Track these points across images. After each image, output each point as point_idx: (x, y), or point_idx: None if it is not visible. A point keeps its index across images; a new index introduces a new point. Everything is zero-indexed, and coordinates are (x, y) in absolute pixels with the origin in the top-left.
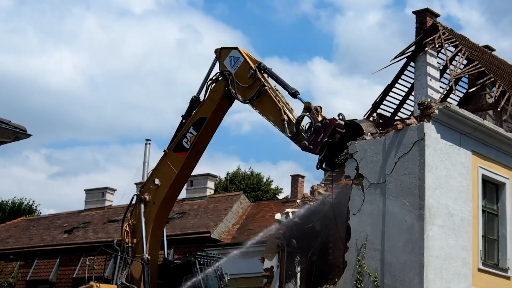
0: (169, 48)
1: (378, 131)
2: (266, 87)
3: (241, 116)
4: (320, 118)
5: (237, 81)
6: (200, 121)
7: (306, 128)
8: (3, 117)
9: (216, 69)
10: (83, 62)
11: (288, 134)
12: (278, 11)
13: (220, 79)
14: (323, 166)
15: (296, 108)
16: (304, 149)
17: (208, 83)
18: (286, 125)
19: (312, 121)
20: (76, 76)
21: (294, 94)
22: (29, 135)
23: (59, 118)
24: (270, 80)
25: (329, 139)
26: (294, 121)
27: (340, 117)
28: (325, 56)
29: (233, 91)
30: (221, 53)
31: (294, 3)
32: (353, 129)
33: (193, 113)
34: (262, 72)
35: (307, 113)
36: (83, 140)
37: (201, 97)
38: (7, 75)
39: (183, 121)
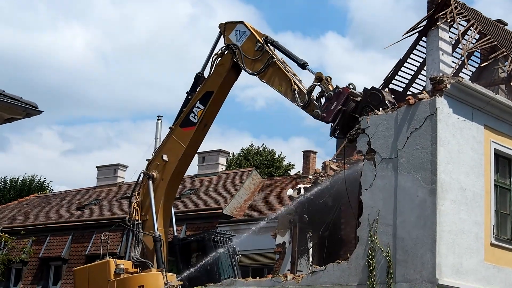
0: (181, 23)
1: (395, 102)
2: (275, 59)
3: (256, 91)
4: (331, 88)
5: (244, 54)
6: (207, 95)
7: (317, 98)
8: (15, 94)
9: (221, 44)
10: (94, 38)
11: (300, 104)
12: None
13: (226, 52)
14: (336, 134)
15: (304, 80)
16: (316, 117)
17: (214, 57)
18: (297, 95)
19: (324, 90)
20: (87, 53)
21: (303, 65)
22: (40, 112)
23: (71, 95)
24: (277, 53)
25: (342, 107)
26: (305, 91)
27: (351, 86)
28: (338, 31)
29: (241, 64)
30: (226, 28)
31: None
32: (372, 96)
33: (198, 88)
34: (269, 45)
35: (319, 83)
36: (95, 116)
37: (206, 73)
38: (19, 51)
39: (189, 97)
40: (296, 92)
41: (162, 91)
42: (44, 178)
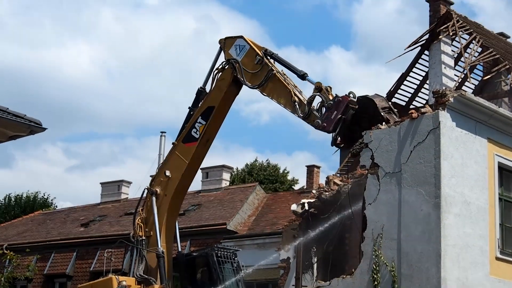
0: (185, 38)
1: (390, 105)
2: (274, 71)
3: (260, 105)
4: (331, 97)
5: (244, 68)
6: (209, 110)
7: (318, 108)
8: (19, 111)
9: (221, 59)
10: (99, 54)
11: (300, 115)
12: (295, 0)
13: (226, 67)
14: (337, 143)
15: (306, 91)
16: (317, 127)
17: (215, 72)
18: (297, 106)
19: (324, 100)
20: (92, 68)
21: (303, 76)
22: (44, 129)
23: (76, 111)
24: (277, 65)
25: (342, 115)
26: (305, 102)
27: (351, 95)
28: (342, 44)
29: (241, 78)
30: (226, 43)
31: None
32: (366, 105)
33: (200, 103)
34: (269, 57)
35: (318, 93)
36: (100, 132)
37: (207, 88)
38: (24, 68)
39: (191, 112)
40: (296, 103)
41: (167, 106)
42: (48, 195)
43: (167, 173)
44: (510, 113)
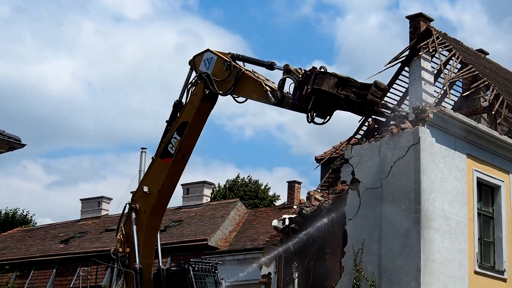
0: (168, 52)
1: (341, 76)
2: (243, 70)
3: (244, 120)
4: (301, 75)
5: (215, 78)
6: (183, 126)
7: (292, 90)
8: None
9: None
10: (81, 68)
11: (273, 101)
12: (278, 15)
13: (199, 82)
14: (314, 119)
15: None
16: (292, 107)
17: (188, 86)
18: (270, 95)
19: (295, 80)
20: (74, 83)
21: (271, 66)
22: (23, 145)
23: (57, 126)
24: (247, 66)
25: (313, 88)
26: (276, 88)
27: (322, 69)
28: (325, 59)
29: (213, 88)
30: (195, 61)
31: (295, 6)
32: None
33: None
34: (236, 60)
35: (288, 75)
36: (81, 148)
37: (184, 100)
38: (4, 83)
39: (168, 127)
40: (268, 92)
41: (149, 121)
42: (27, 212)
43: (145, 189)
44: (489, 129)
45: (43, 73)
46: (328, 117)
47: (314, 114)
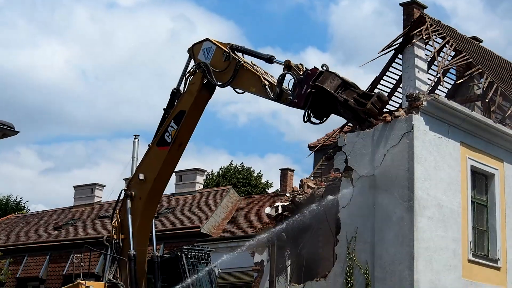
0: (161, 39)
1: (344, 79)
2: (242, 62)
3: (237, 107)
4: (302, 72)
5: (214, 68)
6: (180, 115)
7: (291, 87)
8: None
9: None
10: (74, 55)
11: (271, 96)
12: (272, 1)
13: (197, 71)
14: (311, 119)
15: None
16: (289, 104)
17: (187, 75)
18: (268, 89)
19: (295, 77)
20: (67, 70)
21: (270, 59)
22: (16, 132)
23: (50, 113)
24: (246, 57)
25: (312, 89)
26: (275, 83)
27: (324, 68)
28: (319, 46)
29: (211, 79)
30: (194, 50)
31: None
32: (322, 93)
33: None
34: (235, 51)
35: (288, 71)
36: (74, 135)
37: (182, 89)
38: None
39: (165, 115)
40: (266, 86)
41: (143, 108)
42: (21, 198)
43: (141, 176)
44: (483, 117)
45: (35, 59)
46: (325, 118)
47: (311, 114)
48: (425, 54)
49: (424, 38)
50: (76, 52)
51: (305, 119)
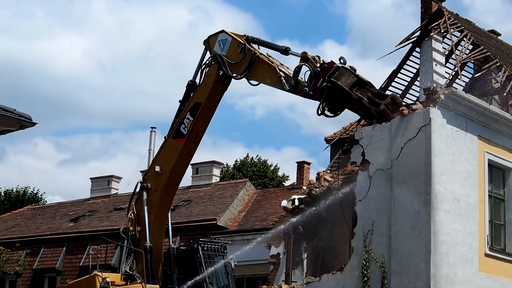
0: (179, 31)
1: (359, 77)
2: (257, 54)
3: (255, 99)
4: (318, 65)
5: (229, 60)
6: (196, 107)
7: (307, 79)
8: (9, 105)
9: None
10: (92, 46)
11: (287, 88)
12: None
13: (213, 63)
14: (325, 112)
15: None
16: (305, 96)
17: (202, 67)
18: (283, 80)
19: (311, 69)
20: (84, 61)
21: (285, 51)
22: (34, 124)
23: (67, 104)
24: (262, 49)
25: (328, 83)
26: (291, 75)
27: (342, 61)
28: (337, 38)
29: (227, 71)
30: (210, 42)
31: None
32: (337, 89)
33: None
34: (251, 43)
35: (304, 63)
36: (91, 126)
37: (198, 81)
38: (15, 61)
39: (181, 107)
40: (282, 78)
41: (160, 100)
42: (38, 190)
43: (157, 168)
44: (501, 110)
45: (53, 51)
46: (339, 112)
47: (326, 107)
48: (443, 48)
49: (442, 31)
50: (93, 43)
51: (319, 112)
